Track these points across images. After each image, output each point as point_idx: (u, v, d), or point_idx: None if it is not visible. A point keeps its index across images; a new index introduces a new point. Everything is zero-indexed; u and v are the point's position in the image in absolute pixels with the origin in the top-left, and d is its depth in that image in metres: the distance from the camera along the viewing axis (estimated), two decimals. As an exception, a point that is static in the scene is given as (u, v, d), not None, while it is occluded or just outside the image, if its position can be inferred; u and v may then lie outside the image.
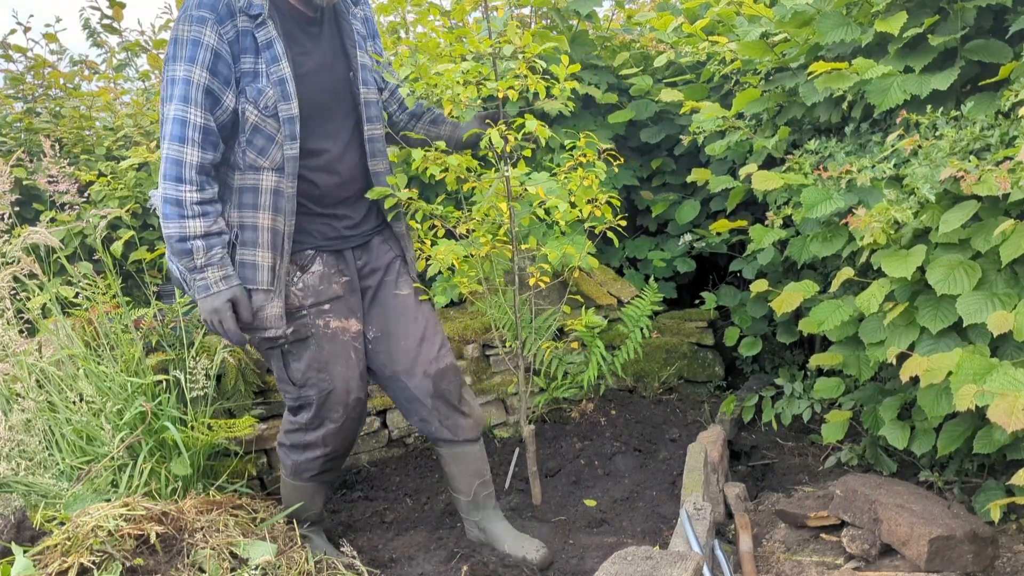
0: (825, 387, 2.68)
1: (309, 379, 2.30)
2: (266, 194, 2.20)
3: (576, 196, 2.58)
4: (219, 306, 2.13)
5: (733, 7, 3.01)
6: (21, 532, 1.96)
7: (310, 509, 2.51)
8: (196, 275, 2.12)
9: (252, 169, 2.18)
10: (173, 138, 2.07)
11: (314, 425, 2.35)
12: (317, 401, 2.32)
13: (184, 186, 2.07)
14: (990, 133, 2.23)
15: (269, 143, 2.17)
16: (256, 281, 2.21)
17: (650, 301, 3.42)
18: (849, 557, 2.22)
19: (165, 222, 2.09)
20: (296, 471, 2.43)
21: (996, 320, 1.95)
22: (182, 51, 2.07)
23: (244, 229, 2.20)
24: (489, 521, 2.55)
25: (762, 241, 2.75)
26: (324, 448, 2.38)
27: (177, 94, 2.06)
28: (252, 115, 2.14)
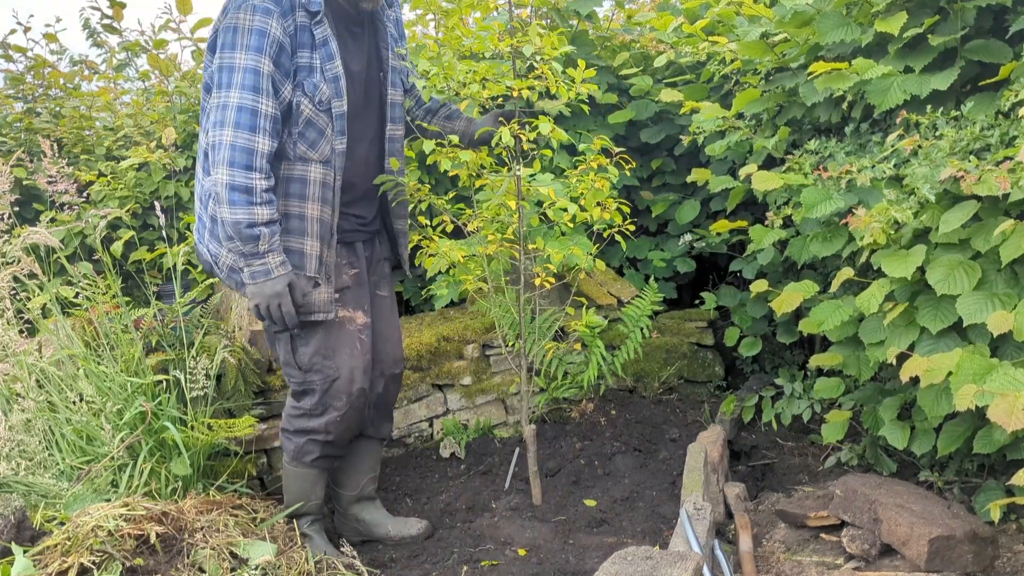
0: (825, 387, 2.68)
1: (315, 364, 2.34)
2: (314, 185, 2.27)
3: (585, 199, 2.61)
4: (280, 289, 2.18)
5: (733, 7, 3.01)
6: (21, 532, 1.96)
7: (310, 499, 2.50)
8: (255, 260, 2.15)
9: (301, 160, 2.24)
10: (242, 126, 2.09)
11: (317, 412, 2.39)
12: (321, 388, 2.35)
13: (255, 174, 2.11)
14: (990, 133, 2.23)
15: (320, 137, 2.24)
16: (304, 268, 2.28)
17: (650, 301, 3.42)
18: (849, 557, 2.22)
19: (231, 208, 2.10)
20: (298, 454, 2.45)
21: (996, 320, 1.95)
22: (246, 39, 2.09)
23: (289, 218, 2.26)
24: (368, 511, 2.65)
25: (762, 241, 2.75)
26: (326, 435, 2.41)
27: (243, 82, 2.09)
28: (307, 109, 2.20)
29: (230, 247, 2.18)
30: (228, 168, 2.09)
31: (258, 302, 2.20)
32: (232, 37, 2.11)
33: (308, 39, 2.17)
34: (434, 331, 3.34)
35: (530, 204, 2.77)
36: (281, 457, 2.96)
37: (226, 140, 2.09)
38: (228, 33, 2.12)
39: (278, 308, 2.20)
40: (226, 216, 2.11)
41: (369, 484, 2.63)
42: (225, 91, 2.10)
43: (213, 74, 2.15)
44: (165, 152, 3.48)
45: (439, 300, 3.50)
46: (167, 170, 3.52)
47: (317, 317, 2.30)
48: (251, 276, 2.17)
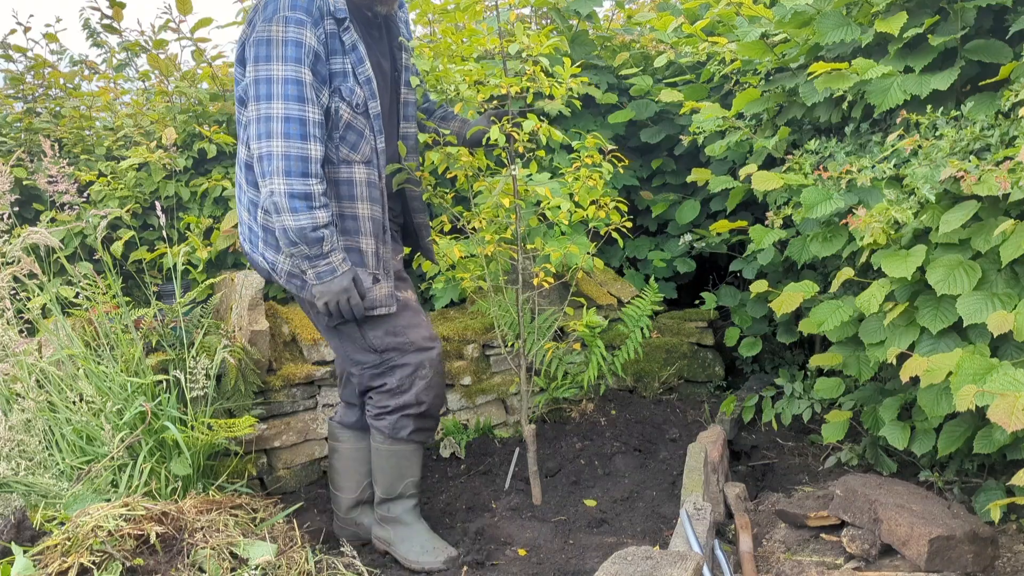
0: (825, 387, 2.68)
1: (389, 343, 2.40)
2: (361, 186, 2.33)
3: (580, 196, 2.62)
4: (347, 284, 2.26)
5: (733, 7, 3.01)
6: (21, 532, 1.96)
7: (407, 476, 2.49)
8: (321, 261, 2.22)
9: (345, 163, 2.31)
10: (292, 136, 2.14)
11: (405, 387, 2.41)
12: (402, 361, 2.40)
13: (312, 180, 2.17)
14: (990, 133, 2.23)
15: (360, 139, 2.31)
16: (363, 264, 2.35)
17: (650, 301, 3.42)
18: (849, 557, 2.22)
19: (295, 216, 2.15)
20: (393, 431, 2.44)
21: (996, 320, 1.95)
22: (282, 51, 2.13)
23: (344, 219, 2.33)
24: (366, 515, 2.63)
25: (762, 242, 2.76)
26: (418, 407, 2.43)
27: (286, 93, 2.13)
28: (346, 113, 2.26)
29: (294, 252, 2.23)
30: (285, 178, 2.14)
31: (327, 299, 2.26)
32: (267, 49, 2.14)
33: (339, 45, 2.23)
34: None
35: (528, 204, 2.77)
36: (281, 457, 2.97)
37: (277, 151, 2.14)
38: (261, 47, 2.15)
39: (347, 302, 2.27)
40: (289, 224, 2.16)
41: (369, 488, 2.62)
42: (266, 103, 2.14)
43: (248, 87, 2.19)
44: (165, 152, 3.48)
45: (439, 300, 3.50)
46: (167, 170, 3.52)
47: (380, 311, 2.36)
48: (317, 276, 2.24)
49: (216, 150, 3.57)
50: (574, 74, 2.51)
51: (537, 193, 2.60)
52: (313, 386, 3.06)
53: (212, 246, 3.32)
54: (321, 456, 3.07)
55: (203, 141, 3.56)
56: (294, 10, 2.14)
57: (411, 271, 2.91)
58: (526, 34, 2.41)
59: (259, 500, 2.51)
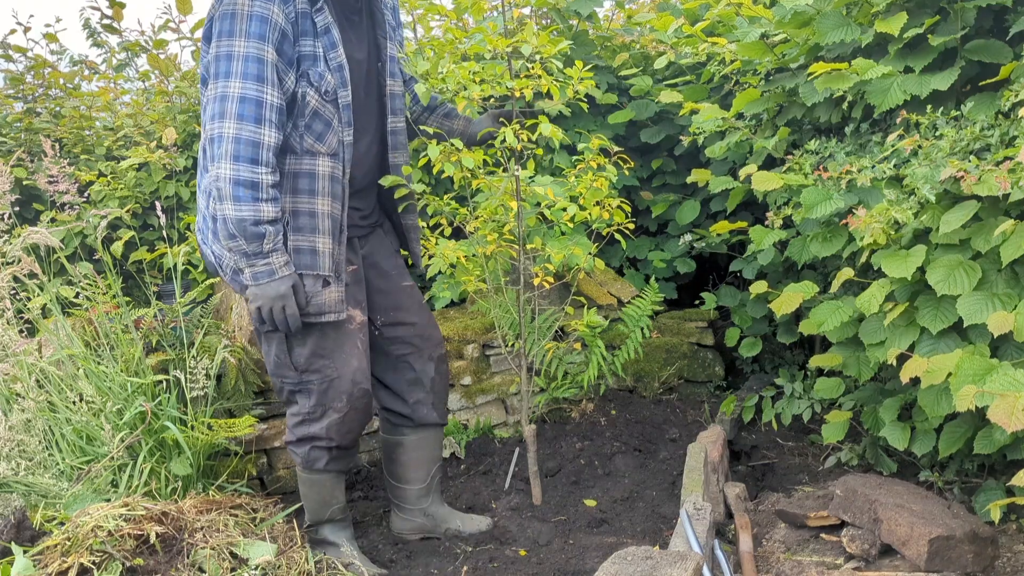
0: (825, 387, 2.68)
1: (312, 365, 2.24)
2: (323, 180, 2.17)
3: (584, 198, 2.61)
4: (285, 291, 2.09)
5: (733, 8, 3.01)
6: (21, 532, 1.96)
7: (331, 503, 2.41)
8: (259, 260, 2.05)
9: (309, 154, 2.15)
10: (246, 118, 1.98)
11: (316, 415, 2.28)
12: (319, 388, 2.25)
13: (261, 168, 2.01)
14: (990, 133, 2.23)
15: (327, 129, 2.15)
16: (316, 267, 2.18)
17: (651, 301, 3.42)
18: (849, 557, 2.22)
19: (236, 204, 1.99)
20: (307, 463, 2.34)
21: (996, 321, 1.95)
22: (245, 26, 1.98)
23: (298, 215, 2.16)
24: (436, 505, 2.60)
25: (762, 243, 2.75)
26: (328, 441, 2.30)
27: (244, 71, 1.98)
28: (313, 99, 2.11)
29: (232, 246, 2.06)
30: (232, 163, 1.98)
31: (260, 304, 2.10)
32: (230, 24, 1.99)
33: (310, 27, 2.08)
34: (434, 331, 3.34)
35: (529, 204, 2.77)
36: (281, 457, 2.97)
37: (229, 133, 1.98)
38: (225, 20, 2.01)
39: (281, 311, 2.10)
40: (230, 213, 2.00)
41: (437, 473, 2.54)
42: (223, 80, 1.99)
43: (209, 64, 2.04)
44: (165, 152, 3.48)
45: (439, 301, 3.50)
46: (167, 170, 3.52)
47: (328, 318, 2.20)
48: (253, 277, 2.07)
49: (216, 150, 3.56)
50: (583, 77, 2.50)
51: (538, 194, 2.59)
52: (313, 386, 3.05)
53: (212, 246, 3.32)
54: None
55: (203, 141, 3.56)
56: None
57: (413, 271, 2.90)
58: (535, 35, 2.39)
59: (259, 500, 2.51)
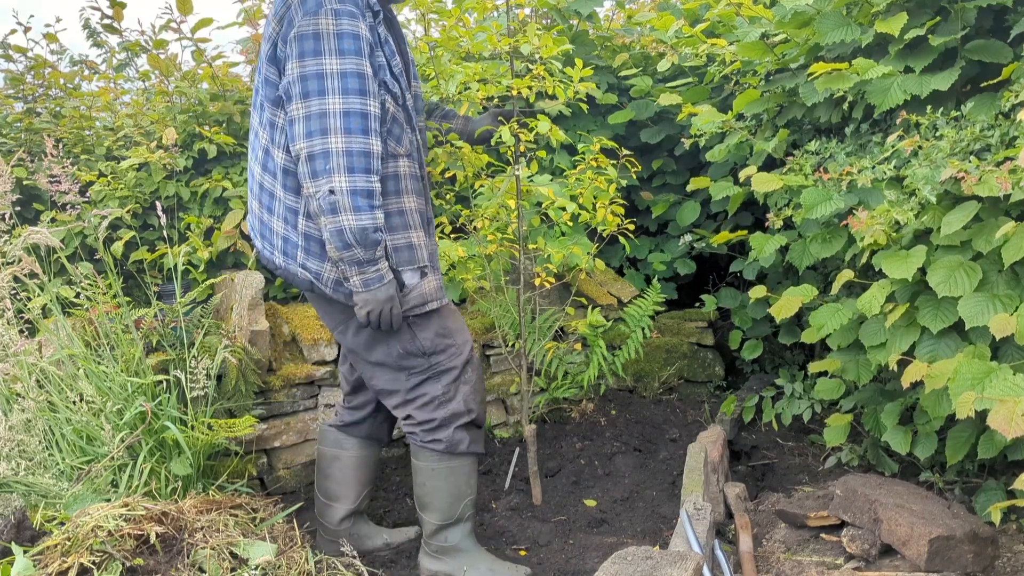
0: (825, 388, 2.68)
1: (438, 345, 2.31)
2: (406, 179, 2.26)
3: (585, 198, 2.62)
4: (393, 293, 2.17)
5: (733, 8, 3.01)
6: (21, 532, 1.96)
7: (466, 494, 2.37)
8: (370, 267, 2.11)
9: (392, 158, 2.23)
10: (354, 131, 2.03)
11: (451, 393, 2.32)
12: (448, 365, 2.32)
13: (374, 177, 2.07)
14: (990, 134, 2.23)
15: (402, 131, 2.24)
16: (415, 260, 2.26)
17: (652, 301, 3.42)
18: (849, 557, 2.22)
19: (357, 215, 2.04)
20: (451, 446, 2.32)
21: (998, 323, 1.95)
22: (335, 44, 2.03)
23: (390, 216, 2.22)
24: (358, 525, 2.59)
25: (763, 250, 2.75)
26: (468, 413, 2.33)
27: (345, 87, 2.03)
28: (391, 105, 2.19)
29: (345, 256, 2.08)
30: (348, 174, 2.02)
31: (370, 308, 2.16)
32: (314, 44, 2.03)
33: (376, 38, 2.15)
34: (434, 331, 3.34)
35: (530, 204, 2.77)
36: (281, 457, 2.97)
37: (337, 147, 2.02)
38: (307, 40, 2.03)
39: (390, 312, 2.17)
40: (351, 223, 2.03)
41: (367, 498, 2.57)
42: (317, 99, 2.03)
43: (291, 85, 2.06)
44: (165, 152, 3.48)
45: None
46: (167, 170, 3.52)
47: (432, 306, 2.28)
48: (364, 284, 2.13)
49: (216, 150, 3.57)
50: (584, 77, 2.50)
51: (540, 193, 2.60)
52: (313, 386, 3.06)
53: (212, 246, 3.32)
54: (321, 456, 3.06)
55: (203, 141, 3.56)
56: (343, 2, 2.04)
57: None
58: (536, 35, 2.40)
59: (259, 500, 2.50)
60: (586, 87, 2.51)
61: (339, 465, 2.53)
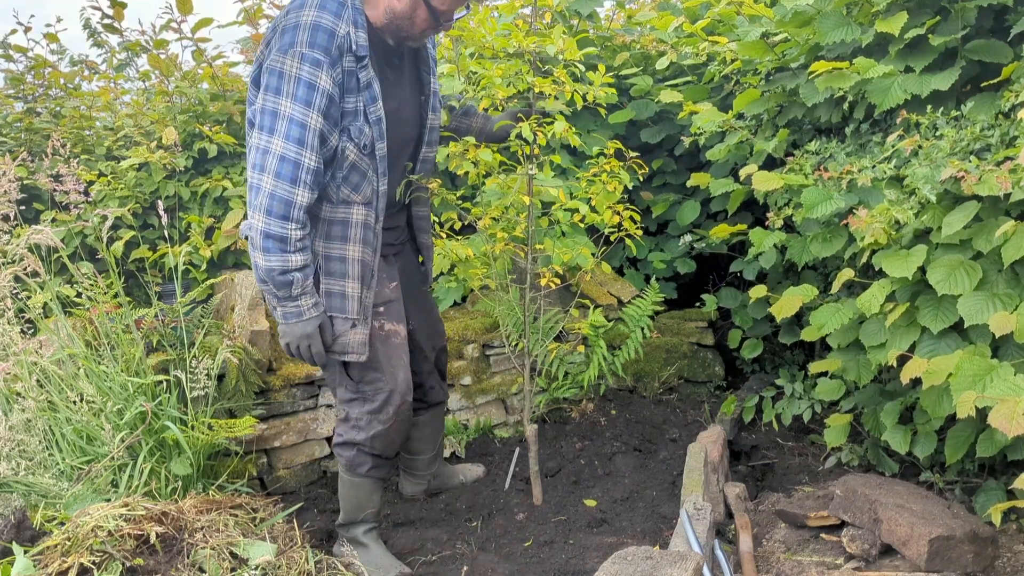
0: (826, 388, 2.68)
1: (364, 377, 2.37)
2: (356, 228, 2.28)
3: (597, 202, 2.63)
4: (311, 331, 2.22)
5: (733, 7, 3.01)
6: (21, 532, 1.96)
7: (367, 507, 2.50)
8: (288, 303, 2.19)
9: (344, 203, 2.25)
10: (283, 177, 2.07)
11: (362, 423, 2.40)
12: (371, 400, 2.38)
13: (290, 224, 2.10)
14: (990, 133, 2.23)
15: (362, 180, 2.25)
16: (345, 310, 2.29)
17: (651, 301, 3.42)
18: (849, 557, 2.22)
19: (265, 255, 2.11)
20: (351, 466, 2.45)
21: (998, 321, 1.95)
22: (292, 89, 2.05)
23: (330, 260, 2.27)
24: (441, 466, 2.91)
25: (762, 245, 2.75)
26: (371, 448, 2.42)
27: (288, 132, 2.06)
28: (352, 153, 2.20)
29: (264, 289, 2.20)
30: (265, 216, 2.09)
31: (288, 341, 2.24)
32: (277, 82, 2.06)
33: (354, 84, 2.15)
34: (434, 331, 3.34)
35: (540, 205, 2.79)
36: (281, 457, 2.97)
37: (265, 187, 2.08)
38: (273, 76, 2.07)
39: (308, 348, 2.24)
40: (260, 262, 2.12)
41: (442, 442, 2.83)
42: (267, 136, 2.08)
43: (256, 113, 2.12)
44: (165, 152, 3.48)
45: (443, 302, 3.50)
46: (167, 170, 3.52)
47: (350, 358, 2.32)
48: (283, 317, 2.21)
49: (216, 150, 3.57)
50: (607, 83, 2.52)
51: (550, 194, 2.61)
52: (313, 386, 3.06)
53: (213, 246, 3.33)
54: (321, 456, 3.07)
55: (203, 141, 3.56)
56: (311, 48, 2.04)
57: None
58: (561, 38, 2.41)
59: (259, 500, 2.51)
60: (606, 92, 2.52)
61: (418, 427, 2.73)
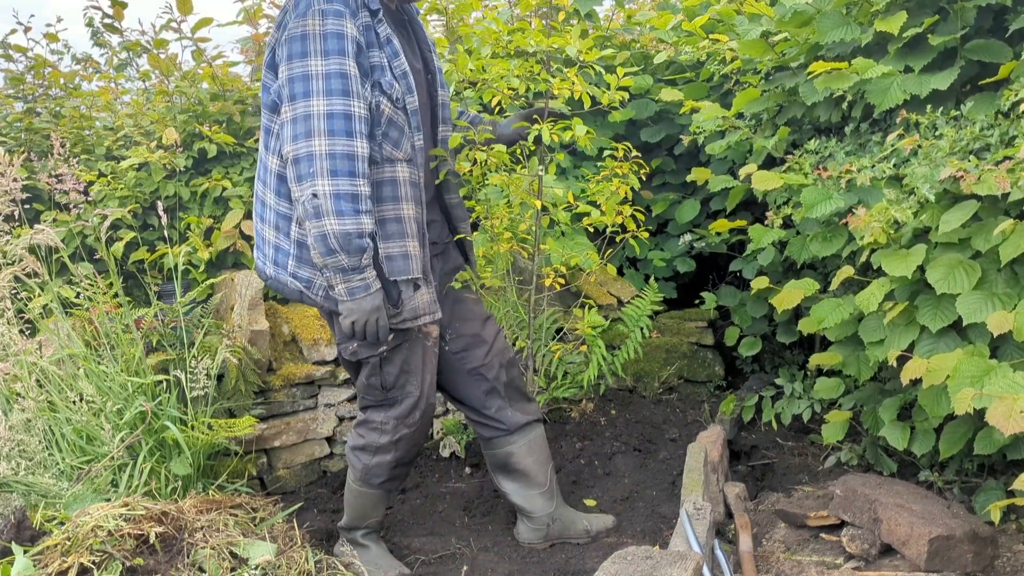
0: (825, 387, 2.68)
1: (398, 382, 2.29)
2: (405, 185, 2.20)
3: (606, 205, 2.63)
4: (379, 303, 2.10)
5: (734, 5, 3.01)
6: (21, 532, 1.97)
7: (372, 516, 2.46)
8: (355, 275, 2.05)
9: (388, 162, 2.17)
10: (337, 132, 1.98)
11: (389, 428, 2.33)
12: (400, 404, 2.31)
13: (359, 180, 2.00)
14: (990, 133, 2.23)
15: (401, 135, 2.18)
16: (409, 271, 2.18)
17: (650, 301, 3.42)
18: (849, 557, 2.22)
19: (340, 219, 1.98)
20: (366, 476, 2.38)
21: (996, 320, 1.95)
22: (320, 45, 1.99)
23: (386, 223, 2.16)
24: (561, 508, 2.57)
25: (761, 241, 2.75)
26: (396, 453, 2.35)
27: (329, 88, 1.99)
28: (387, 107, 2.13)
29: (330, 262, 2.02)
30: (331, 178, 1.97)
31: (355, 318, 2.09)
32: (301, 46, 2.00)
33: (374, 38, 2.10)
34: (434, 331, 3.34)
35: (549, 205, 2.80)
36: (281, 457, 2.97)
37: (320, 150, 1.98)
38: (295, 43, 2.01)
39: (375, 323, 2.11)
40: (334, 228, 1.98)
41: (553, 473, 2.55)
42: (303, 101, 1.99)
43: (281, 88, 2.04)
44: (165, 152, 3.48)
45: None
46: (167, 170, 3.52)
47: (424, 319, 2.23)
48: (349, 292, 2.06)
49: (216, 150, 3.57)
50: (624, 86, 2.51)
51: (556, 195, 2.61)
52: (313, 386, 3.06)
53: (212, 246, 3.33)
54: (321, 456, 3.07)
55: (203, 141, 3.56)
56: (330, 2, 2.00)
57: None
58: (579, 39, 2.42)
59: (259, 500, 2.51)
60: (621, 96, 2.52)
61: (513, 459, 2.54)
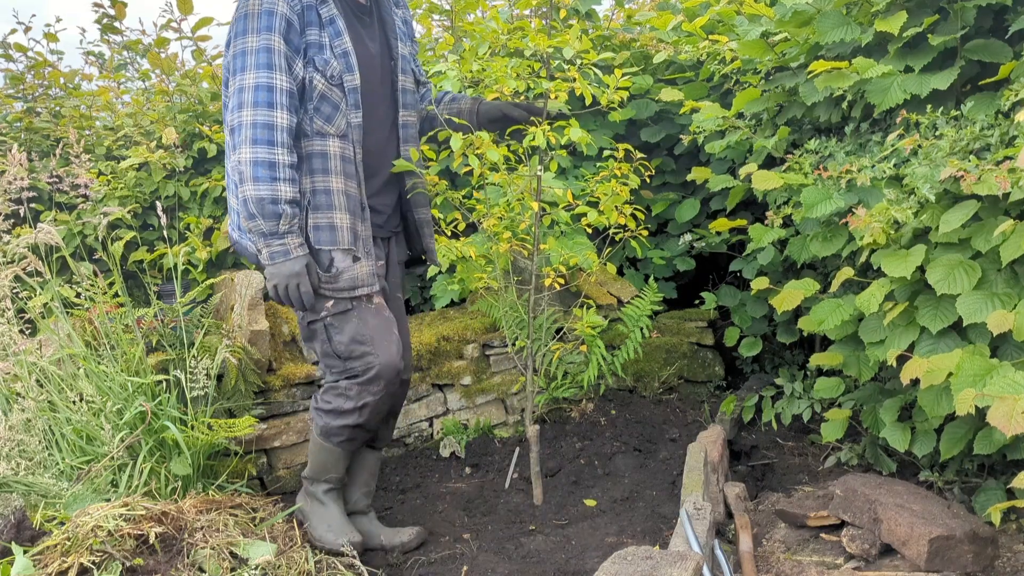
0: (825, 387, 2.68)
1: (353, 351, 2.34)
2: (334, 159, 2.30)
3: (606, 206, 2.64)
4: (299, 269, 2.20)
5: (734, 6, 3.01)
6: (21, 532, 1.96)
7: (332, 471, 2.49)
8: (275, 240, 2.17)
9: (319, 136, 2.28)
10: (260, 104, 2.13)
11: (352, 394, 2.37)
12: (361, 373, 2.35)
13: (277, 149, 2.14)
14: (990, 133, 2.23)
15: (335, 111, 2.28)
16: (337, 241, 2.29)
17: (650, 301, 3.42)
18: (849, 557, 2.22)
19: (255, 184, 2.13)
20: (325, 433, 2.44)
21: (996, 320, 1.95)
22: (255, 23, 2.16)
23: (316, 194, 2.28)
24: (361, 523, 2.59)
25: (761, 240, 2.75)
26: (358, 418, 2.39)
27: (257, 62, 2.15)
28: (320, 83, 2.25)
29: (251, 227, 2.18)
30: (251, 146, 2.13)
31: (276, 283, 2.21)
32: (243, 24, 2.17)
33: (315, 18, 2.24)
34: (434, 331, 3.34)
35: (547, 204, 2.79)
36: (281, 457, 2.97)
37: (246, 120, 2.14)
38: (239, 22, 2.18)
39: (296, 288, 2.21)
40: (250, 193, 2.13)
41: (363, 499, 2.60)
42: (240, 75, 2.16)
43: (229, 64, 2.21)
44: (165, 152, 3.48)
45: (439, 300, 3.50)
46: (167, 170, 3.52)
47: (362, 291, 2.31)
48: (270, 257, 2.19)
49: (216, 149, 3.57)
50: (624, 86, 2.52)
51: (556, 195, 2.62)
52: (313, 386, 3.06)
53: (212, 246, 3.32)
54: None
55: (203, 141, 3.56)
56: None
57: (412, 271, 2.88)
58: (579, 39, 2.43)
59: (259, 500, 2.51)
60: (621, 96, 2.53)
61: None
